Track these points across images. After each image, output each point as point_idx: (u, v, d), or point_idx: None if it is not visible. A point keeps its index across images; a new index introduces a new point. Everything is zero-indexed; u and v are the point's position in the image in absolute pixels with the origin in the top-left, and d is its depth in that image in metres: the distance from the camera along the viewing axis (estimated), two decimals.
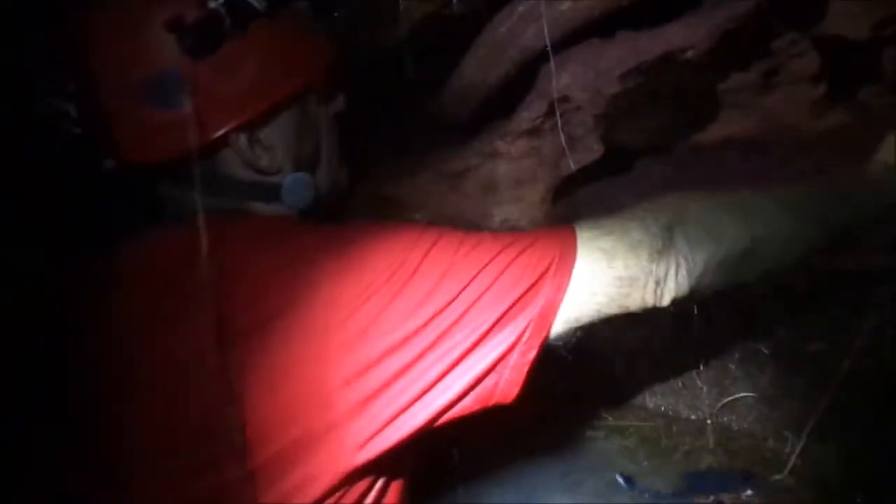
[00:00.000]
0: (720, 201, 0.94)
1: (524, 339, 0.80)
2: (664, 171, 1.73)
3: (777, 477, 1.46)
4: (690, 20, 1.50)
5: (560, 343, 0.88)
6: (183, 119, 0.77)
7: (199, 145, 0.78)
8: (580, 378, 1.85)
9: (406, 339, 0.74)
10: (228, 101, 0.80)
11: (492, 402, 0.82)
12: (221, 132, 0.80)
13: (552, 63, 1.50)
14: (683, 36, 1.46)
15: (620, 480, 1.53)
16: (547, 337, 0.82)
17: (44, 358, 0.83)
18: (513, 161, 1.72)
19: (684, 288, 0.89)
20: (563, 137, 1.59)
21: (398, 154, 1.86)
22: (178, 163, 0.80)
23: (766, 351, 1.64)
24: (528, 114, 1.64)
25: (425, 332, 0.75)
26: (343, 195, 1.05)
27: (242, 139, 0.83)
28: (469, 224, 1.98)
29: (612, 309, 0.87)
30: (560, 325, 0.84)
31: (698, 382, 1.70)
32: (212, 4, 0.76)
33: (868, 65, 1.54)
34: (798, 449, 1.47)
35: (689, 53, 1.47)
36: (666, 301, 0.89)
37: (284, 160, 0.88)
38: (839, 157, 1.60)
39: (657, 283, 0.86)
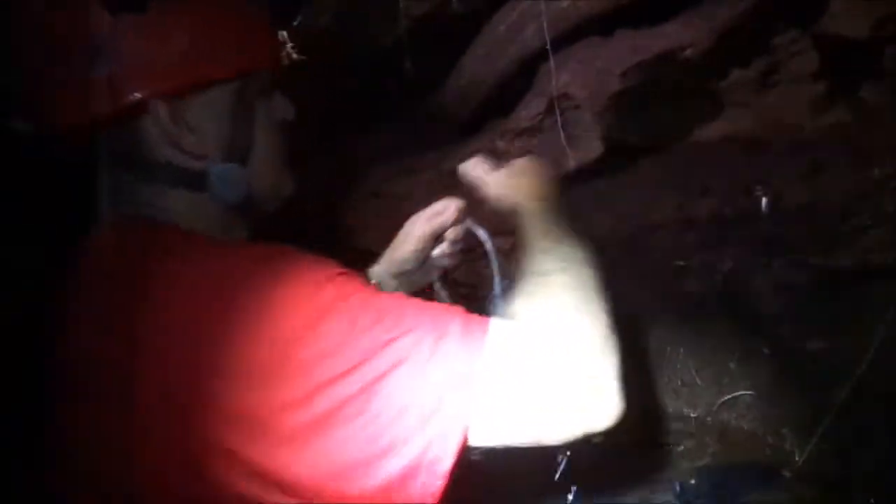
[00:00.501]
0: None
1: (427, 458, 0.69)
2: (664, 169, 1.73)
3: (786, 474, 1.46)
4: (690, 19, 1.50)
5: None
6: (100, 81, 0.73)
7: (112, 109, 0.73)
8: None
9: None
10: (150, 67, 0.74)
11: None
12: (136, 97, 0.74)
13: (552, 61, 1.50)
14: (683, 34, 1.46)
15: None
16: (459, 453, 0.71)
17: (16, 358, 0.81)
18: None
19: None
20: (562, 136, 1.59)
21: (398, 152, 1.86)
22: (95, 129, 0.76)
23: (765, 349, 1.64)
24: (528, 112, 1.65)
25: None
26: (292, 208, 0.94)
27: (164, 111, 0.76)
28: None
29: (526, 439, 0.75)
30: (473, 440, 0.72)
31: (698, 381, 1.69)
32: None
33: (868, 63, 1.54)
34: (807, 448, 1.47)
35: (689, 52, 1.47)
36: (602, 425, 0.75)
37: (212, 146, 0.81)
38: (839, 156, 1.60)
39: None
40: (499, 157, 1.28)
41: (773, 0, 1.40)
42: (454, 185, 1.81)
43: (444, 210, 1.17)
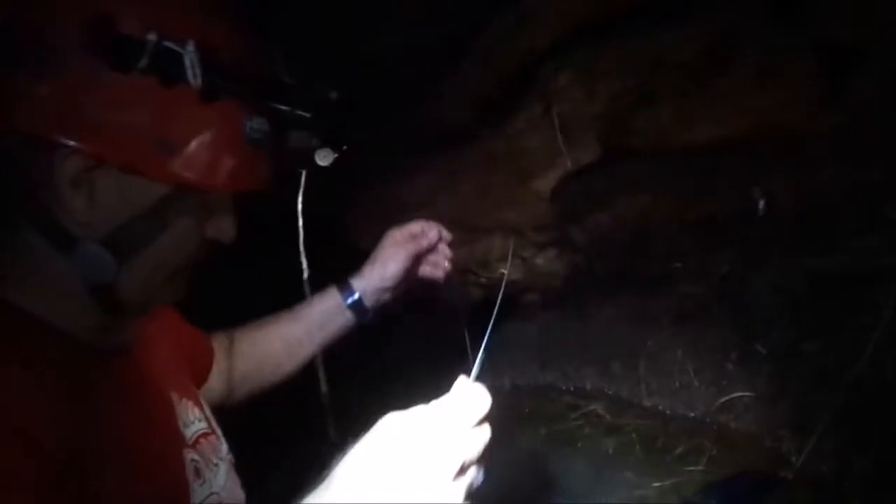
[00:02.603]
0: None
1: None
2: (661, 170, 1.74)
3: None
4: (686, 21, 1.52)
5: None
6: (41, 96, 0.65)
7: (28, 129, 0.65)
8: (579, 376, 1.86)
9: None
10: (87, 117, 0.66)
11: None
12: (56, 137, 0.65)
13: (550, 64, 1.51)
14: (679, 37, 1.48)
15: None
16: None
17: None
18: (510, 162, 1.73)
19: None
20: (560, 138, 1.61)
21: (397, 155, 1.88)
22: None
23: (763, 351, 1.64)
24: (526, 114, 1.66)
25: None
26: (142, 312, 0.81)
27: (73, 164, 0.67)
28: (468, 225, 1.99)
29: None
30: None
31: (695, 382, 1.70)
32: (150, 37, 0.65)
33: (864, 65, 1.55)
34: (805, 449, 1.47)
35: (685, 54, 1.49)
36: None
37: (100, 224, 0.70)
38: (835, 158, 1.61)
39: None
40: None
41: (770, 2, 1.41)
42: (453, 188, 1.83)
43: (426, 232, 1.12)
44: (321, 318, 1.11)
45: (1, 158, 0.69)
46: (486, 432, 0.62)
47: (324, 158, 0.99)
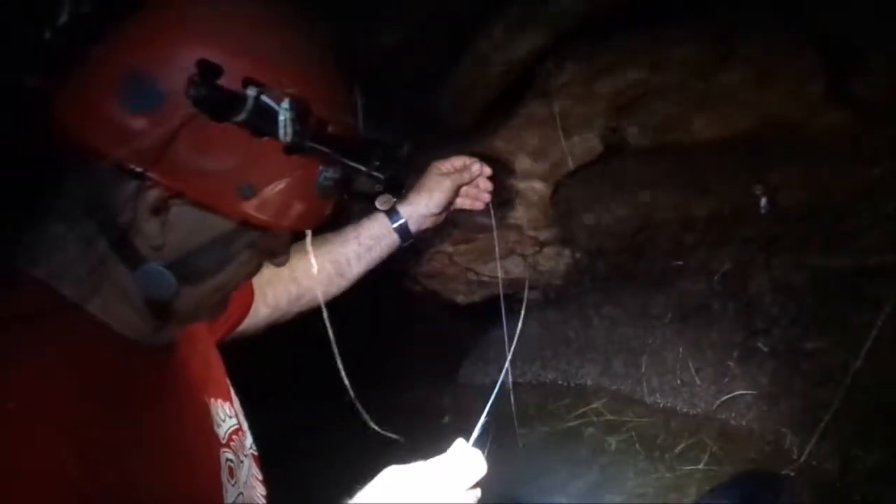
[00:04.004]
0: None
1: None
2: (663, 169, 1.74)
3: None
4: (688, 19, 1.51)
5: None
6: (137, 130, 0.70)
7: (121, 159, 0.69)
8: (578, 373, 1.86)
9: None
10: (177, 156, 0.71)
11: None
12: (145, 170, 0.70)
13: (550, 62, 1.51)
14: (680, 34, 1.48)
15: None
16: None
17: None
18: (512, 159, 1.73)
19: None
20: (561, 136, 1.61)
21: None
22: (93, 158, 0.71)
23: (765, 349, 1.64)
24: (527, 112, 1.66)
25: None
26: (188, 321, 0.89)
27: (155, 194, 0.73)
28: (468, 223, 1.99)
29: None
30: None
31: (697, 380, 1.70)
32: (250, 92, 0.69)
33: (865, 62, 1.55)
34: (807, 447, 1.47)
35: (686, 51, 1.48)
36: None
37: (169, 249, 0.76)
38: (838, 156, 1.61)
39: None
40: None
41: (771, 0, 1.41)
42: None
43: (469, 166, 1.22)
44: (369, 240, 1.19)
45: (92, 178, 0.74)
46: (477, 495, 0.72)
47: (384, 203, 1.10)
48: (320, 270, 1.18)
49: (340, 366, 1.07)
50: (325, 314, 1.04)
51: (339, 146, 0.74)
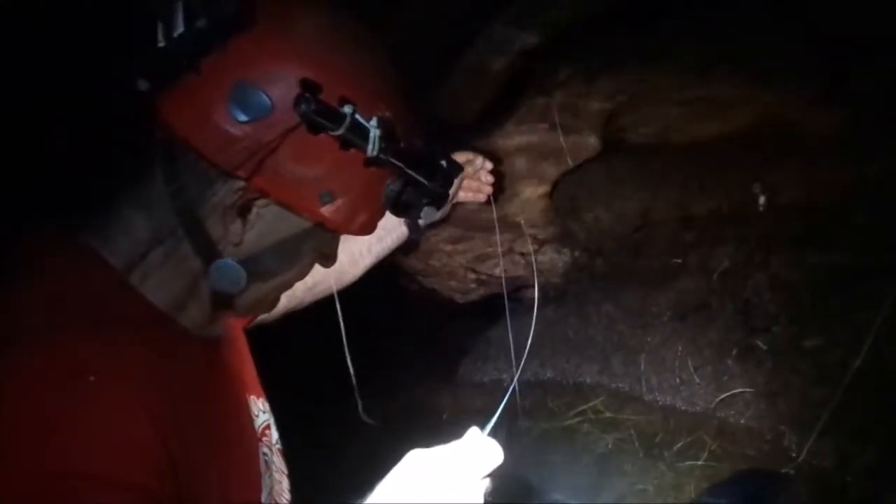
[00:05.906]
0: None
1: None
2: (662, 167, 1.74)
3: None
4: (687, 18, 1.51)
5: None
6: (238, 135, 0.75)
7: (217, 160, 0.75)
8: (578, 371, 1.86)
9: None
10: (272, 163, 0.76)
11: None
12: (240, 174, 0.76)
13: (549, 59, 1.51)
14: (679, 32, 1.47)
15: None
16: None
17: None
18: (511, 157, 1.73)
19: None
20: (560, 134, 1.61)
21: None
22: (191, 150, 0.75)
23: (763, 347, 1.64)
24: (527, 110, 1.66)
25: None
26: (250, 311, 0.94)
27: (245, 195, 0.79)
28: (469, 221, 1.99)
29: None
30: None
31: (696, 378, 1.70)
32: (346, 110, 0.75)
33: (866, 60, 1.55)
34: (806, 445, 1.47)
35: (686, 50, 1.48)
36: None
37: (247, 245, 0.82)
38: (836, 154, 1.61)
39: None
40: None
41: None
42: None
43: (472, 160, 1.29)
44: (381, 231, 1.22)
45: (183, 174, 0.80)
46: (488, 483, 0.76)
47: (427, 217, 1.14)
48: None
49: (347, 352, 1.10)
50: (337, 304, 1.10)
51: (410, 161, 0.81)
